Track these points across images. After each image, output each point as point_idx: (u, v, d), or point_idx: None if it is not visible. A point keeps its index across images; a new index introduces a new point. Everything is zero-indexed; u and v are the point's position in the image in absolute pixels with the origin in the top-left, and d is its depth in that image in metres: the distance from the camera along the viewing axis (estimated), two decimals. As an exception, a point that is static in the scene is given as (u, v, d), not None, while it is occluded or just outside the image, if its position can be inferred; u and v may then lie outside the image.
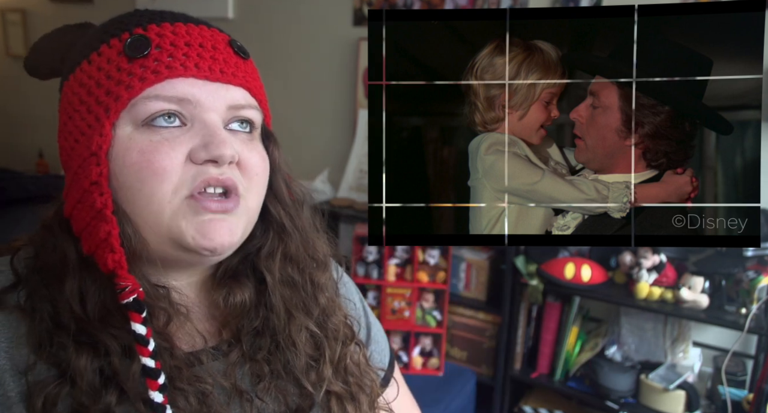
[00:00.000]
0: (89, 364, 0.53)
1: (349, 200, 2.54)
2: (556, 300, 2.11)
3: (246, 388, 0.62)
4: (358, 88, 2.66)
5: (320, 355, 0.66)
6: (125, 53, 0.56)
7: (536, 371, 2.15)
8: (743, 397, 1.84)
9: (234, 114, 0.60)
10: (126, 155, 0.55)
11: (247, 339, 0.64)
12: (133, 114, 0.55)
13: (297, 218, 0.68)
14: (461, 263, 2.29)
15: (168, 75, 0.55)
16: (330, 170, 2.70)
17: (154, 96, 0.55)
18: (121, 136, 0.55)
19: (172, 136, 0.56)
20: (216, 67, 0.58)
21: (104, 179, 0.54)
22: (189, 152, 0.56)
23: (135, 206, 0.55)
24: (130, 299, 0.53)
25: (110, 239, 0.53)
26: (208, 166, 0.56)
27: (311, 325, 0.66)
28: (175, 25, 0.59)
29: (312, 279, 0.68)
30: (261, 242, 0.65)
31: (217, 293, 0.64)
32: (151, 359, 0.53)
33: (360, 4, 2.61)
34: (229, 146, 0.56)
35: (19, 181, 0.92)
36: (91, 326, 0.54)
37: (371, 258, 2.28)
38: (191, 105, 0.56)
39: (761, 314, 1.79)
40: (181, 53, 0.57)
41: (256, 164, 0.60)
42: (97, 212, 0.54)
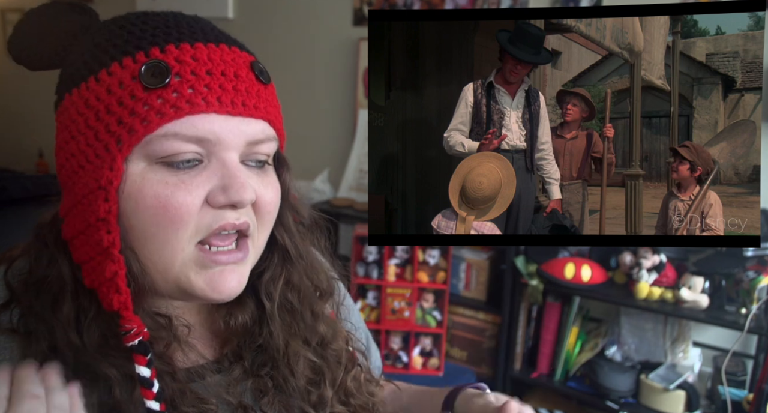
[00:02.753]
0: (87, 399, 0.50)
1: (349, 200, 2.54)
2: (556, 300, 2.11)
3: (249, 403, 0.61)
4: (358, 88, 2.66)
5: (320, 379, 0.66)
6: (141, 80, 0.51)
7: (536, 371, 2.15)
8: (743, 397, 1.84)
9: (252, 150, 0.56)
10: (139, 196, 0.51)
11: (249, 355, 0.63)
12: (149, 151, 0.51)
13: (302, 246, 0.66)
14: (461, 263, 2.29)
15: (189, 111, 0.51)
16: (330, 170, 2.69)
17: (172, 134, 0.51)
18: (133, 172, 0.52)
19: (189, 177, 0.52)
20: (238, 100, 0.53)
21: (113, 217, 0.51)
22: (207, 195, 0.53)
23: (146, 249, 0.53)
24: (135, 342, 0.51)
25: (116, 279, 0.50)
26: (226, 209, 0.54)
27: (309, 354, 0.65)
28: (195, 46, 0.53)
29: (312, 309, 0.67)
30: (264, 266, 0.64)
31: (218, 314, 0.63)
32: (156, 401, 0.51)
33: (360, 4, 2.61)
34: (249, 189, 0.53)
35: (19, 181, 0.92)
36: (88, 356, 0.52)
37: (371, 258, 2.28)
38: (210, 143, 0.53)
39: (761, 314, 1.79)
40: (203, 84, 0.52)
41: (269, 202, 0.58)
42: (104, 249, 0.51)
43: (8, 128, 3.90)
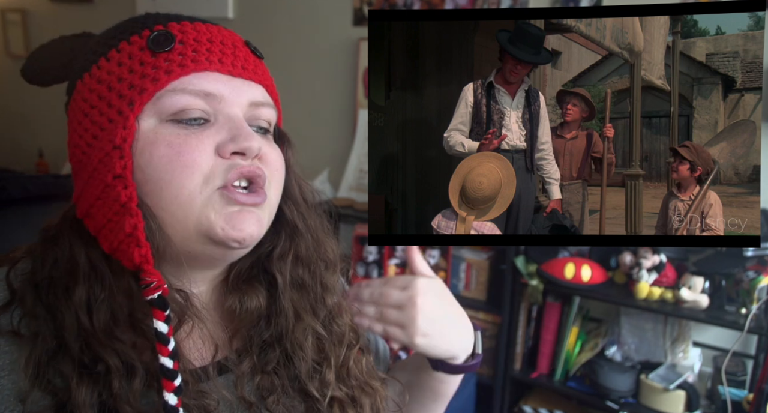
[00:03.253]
0: (89, 398, 0.51)
1: (349, 200, 2.54)
2: (556, 300, 2.11)
3: (255, 401, 0.61)
4: (358, 88, 2.66)
5: (324, 359, 0.66)
6: (148, 47, 0.56)
7: (536, 371, 2.15)
8: (743, 397, 1.85)
9: (254, 112, 0.60)
10: (153, 148, 0.54)
11: (257, 350, 0.63)
12: (159, 107, 0.55)
13: (309, 219, 0.68)
14: (461, 263, 2.29)
15: (194, 68, 0.56)
16: (330, 170, 2.69)
17: (180, 89, 0.55)
18: (145, 129, 0.55)
19: (198, 131, 0.56)
20: (238, 64, 0.59)
21: (129, 172, 0.53)
22: (216, 147, 0.56)
23: (161, 199, 0.54)
24: (155, 295, 0.52)
25: (136, 232, 0.52)
26: (236, 158, 0.56)
27: (318, 327, 0.66)
28: (195, 23, 0.59)
29: (322, 281, 0.68)
30: (272, 244, 0.65)
31: (231, 298, 0.63)
32: (170, 359, 0.52)
33: (360, 4, 2.61)
34: (255, 138, 0.57)
35: (19, 181, 0.92)
36: (95, 339, 0.52)
37: (371, 258, 2.28)
38: (216, 100, 0.57)
39: (761, 314, 1.79)
40: (205, 48, 0.57)
41: (275, 160, 0.61)
42: (122, 205, 0.53)
43: (8, 128, 3.90)
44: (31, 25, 3.69)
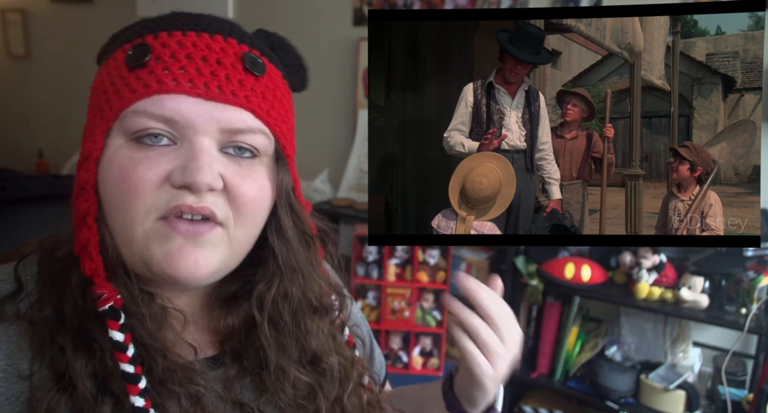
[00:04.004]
0: (84, 368, 0.52)
1: (349, 200, 2.54)
2: (556, 300, 2.11)
3: (246, 401, 0.61)
4: (358, 88, 2.66)
5: (314, 393, 0.64)
6: (126, 62, 0.55)
7: (536, 371, 2.15)
8: (743, 397, 1.84)
9: (230, 138, 0.55)
10: (109, 168, 0.54)
11: (248, 353, 0.62)
12: (124, 126, 0.54)
13: (300, 256, 0.63)
14: (461, 263, 2.28)
15: (157, 90, 0.53)
16: (330, 170, 2.69)
17: (141, 111, 0.53)
18: (112, 146, 0.54)
19: (156, 154, 0.53)
20: (213, 85, 0.54)
21: (90, 187, 0.54)
22: (168, 174, 0.53)
23: (112, 220, 0.54)
24: (106, 307, 0.53)
25: (89, 246, 0.53)
26: (185, 192, 0.53)
27: (297, 372, 0.62)
28: (187, 34, 0.56)
29: (306, 326, 0.64)
30: (259, 276, 0.62)
31: (215, 313, 0.63)
32: (131, 364, 0.52)
33: (360, 4, 2.61)
34: (207, 172, 0.52)
35: (19, 181, 0.92)
36: (88, 320, 0.54)
37: (371, 258, 2.28)
38: (179, 125, 0.53)
39: (761, 314, 1.79)
40: (178, 67, 0.54)
41: (245, 194, 0.56)
42: (81, 217, 0.54)
43: (8, 128, 3.90)
44: (31, 25, 3.69)
